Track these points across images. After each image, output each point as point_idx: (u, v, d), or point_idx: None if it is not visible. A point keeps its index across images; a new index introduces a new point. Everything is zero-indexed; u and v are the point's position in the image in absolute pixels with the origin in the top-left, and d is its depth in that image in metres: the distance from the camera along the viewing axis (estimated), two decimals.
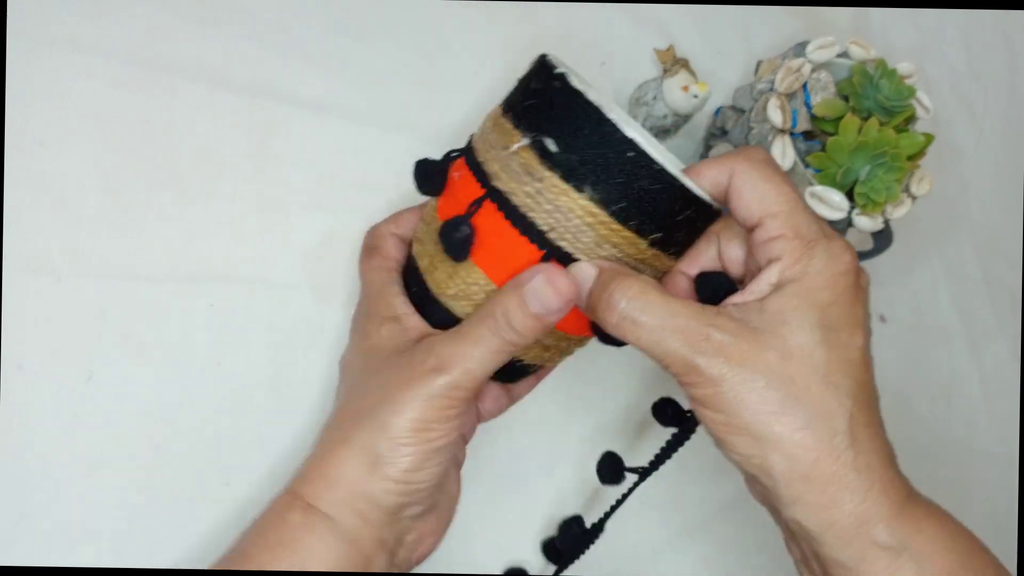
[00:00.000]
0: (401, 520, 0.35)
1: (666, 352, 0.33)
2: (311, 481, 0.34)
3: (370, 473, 0.33)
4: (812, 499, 0.32)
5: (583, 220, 0.34)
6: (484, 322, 0.34)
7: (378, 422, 0.33)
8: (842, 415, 0.32)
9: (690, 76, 0.54)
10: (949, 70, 0.69)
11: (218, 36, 0.50)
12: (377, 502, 0.33)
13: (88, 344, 0.43)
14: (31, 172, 0.44)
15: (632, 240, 0.35)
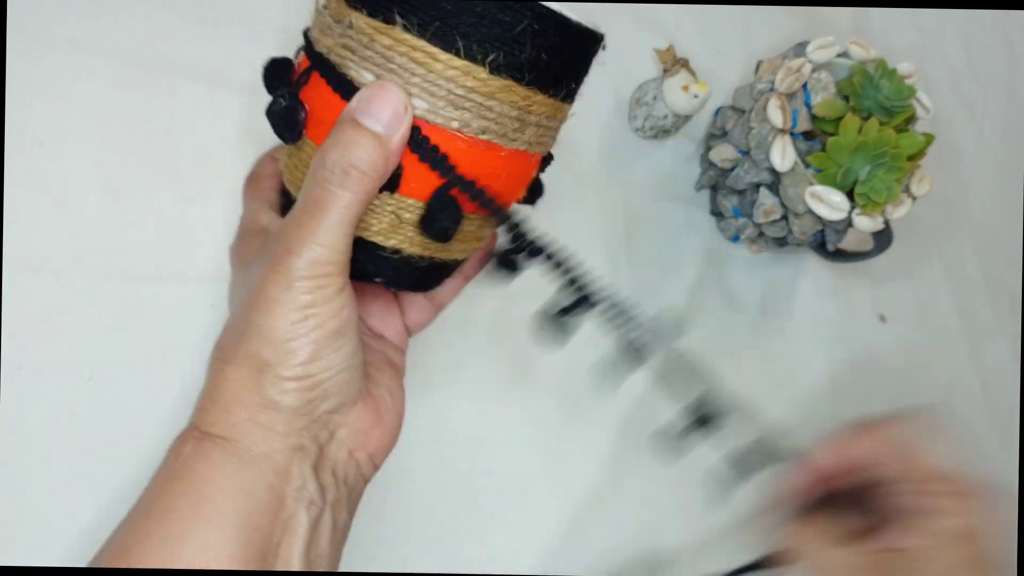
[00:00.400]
0: (317, 418, 0.32)
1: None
2: (204, 410, 0.32)
3: (259, 381, 0.31)
4: None
5: (406, 57, 0.29)
6: (315, 183, 0.31)
7: (254, 328, 0.31)
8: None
9: (690, 76, 0.54)
10: (949, 70, 0.69)
11: (218, 36, 0.49)
12: (277, 406, 0.31)
13: (88, 344, 0.43)
14: (31, 172, 0.44)
15: (468, 70, 0.29)
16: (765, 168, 0.51)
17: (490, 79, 0.30)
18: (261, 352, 0.31)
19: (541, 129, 0.33)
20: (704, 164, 0.58)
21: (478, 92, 0.30)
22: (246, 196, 0.39)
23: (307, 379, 0.31)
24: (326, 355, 0.31)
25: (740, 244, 0.60)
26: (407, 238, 0.33)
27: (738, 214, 0.56)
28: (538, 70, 0.31)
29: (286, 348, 0.31)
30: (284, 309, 0.30)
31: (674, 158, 0.60)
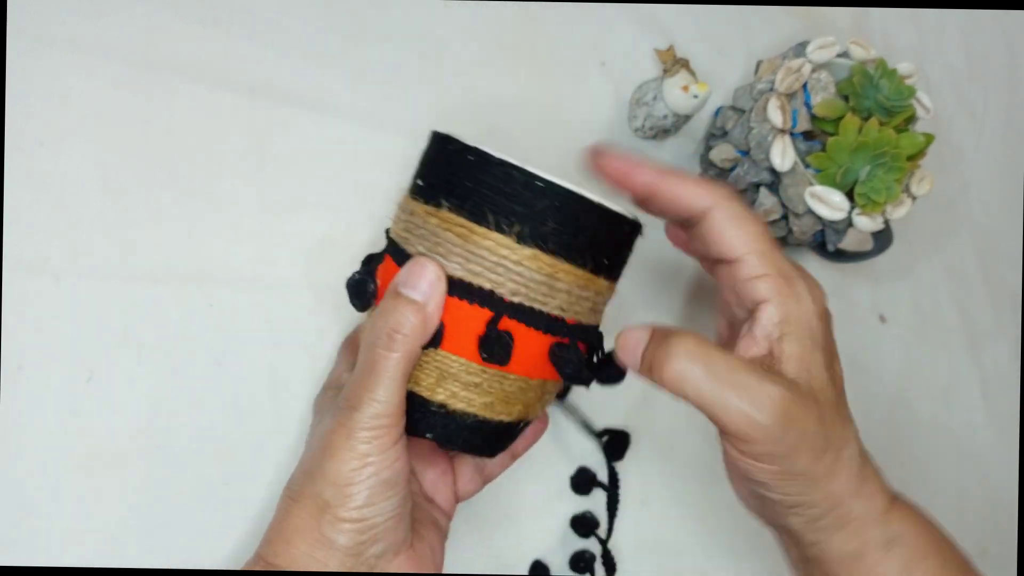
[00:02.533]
0: (364, 561, 0.36)
1: (726, 409, 0.34)
2: (270, 542, 0.36)
3: (319, 520, 0.34)
4: (835, 515, 0.36)
5: (450, 232, 0.35)
6: (368, 347, 0.36)
7: (320, 471, 0.35)
8: (853, 441, 0.37)
9: (690, 76, 0.54)
10: (949, 70, 0.69)
11: (218, 36, 0.50)
12: (332, 545, 0.34)
13: (88, 344, 0.43)
14: (31, 172, 0.44)
15: (539, 259, 0.35)
16: (765, 168, 0.51)
17: (517, 248, 0.35)
18: (323, 493, 0.35)
19: (573, 297, 0.37)
20: (704, 164, 0.58)
21: (508, 259, 0.35)
22: (339, 356, 0.44)
23: (361, 522, 0.35)
24: (379, 501, 0.35)
25: None
26: (452, 393, 0.37)
27: None
28: (560, 241, 0.36)
29: (345, 492, 0.34)
30: (346, 456, 0.34)
31: (674, 158, 0.60)
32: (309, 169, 0.50)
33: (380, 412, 0.35)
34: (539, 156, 0.56)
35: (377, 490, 0.35)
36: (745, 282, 0.37)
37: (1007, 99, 0.71)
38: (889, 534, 0.36)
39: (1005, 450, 0.65)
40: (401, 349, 0.35)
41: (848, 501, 0.36)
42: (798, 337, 0.36)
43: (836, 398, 0.37)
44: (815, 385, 0.36)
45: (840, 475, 0.36)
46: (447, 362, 0.36)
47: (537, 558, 0.49)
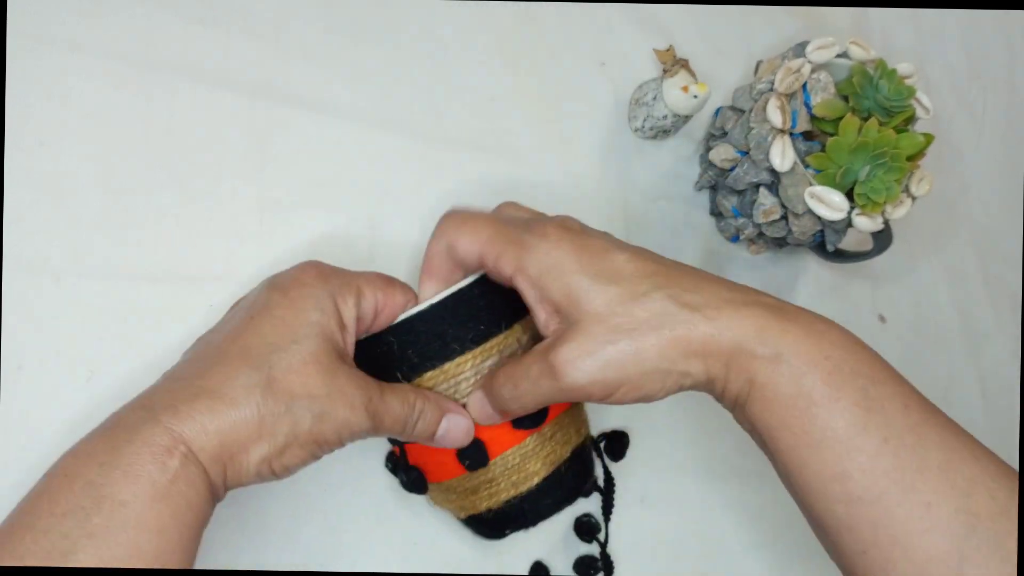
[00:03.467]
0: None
1: (552, 398, 0.38)
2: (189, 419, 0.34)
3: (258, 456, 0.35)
4: (712, 363, 0.37)
5: (433, 380, 0.41)
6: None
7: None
8: (666, 303, 0.36)
9: (690, 76, 0.54)
10: (949, 70, 0.69)
11: (218, 36, 0.50)
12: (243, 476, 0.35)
13: (88, 344, 0.43)
14: (31, 172, 0.44)
15: (465, 360, 0.40)
16: (765, 168, 0.51)
17: (450, 368, 0.40)
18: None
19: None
20: (704, 164, 0.58)
21: (472, 366, 0.40)
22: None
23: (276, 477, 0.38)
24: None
25: (740, 244, 0.60)
26: (490, 494, 0.42)
27: (738, 214, 0.56)
28: (460, 336, 0.40)
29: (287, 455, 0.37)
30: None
31: (674, 158, 0.60)
32: (309, 169, 0.50)
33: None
34: (539, 156, 0.56)
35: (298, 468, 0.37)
36: (495, 271, 0.39)
37: (1007, 99, 0.71)
38: (770, 351, 0.36)
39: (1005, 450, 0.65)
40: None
41: (707, 346, 0.36)
42: (552, 282, 0.37)
43: (622, 291, 0.36)
44: (591, 306, 0.36)
45: (677, 340, 0.36)
46: (465, 482, 0.42)
47: (538, 559, 0.49)
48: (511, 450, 0.41)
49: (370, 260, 0.50)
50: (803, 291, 0.61)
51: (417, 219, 0.52)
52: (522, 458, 0.41)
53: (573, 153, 0.57)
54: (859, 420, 0.35)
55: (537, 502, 0.42)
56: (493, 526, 0.43)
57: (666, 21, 0.61)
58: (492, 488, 0.41)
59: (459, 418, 0.40)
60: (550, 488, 0.42)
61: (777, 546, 0.55)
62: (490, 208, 0.46)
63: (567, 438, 0.43)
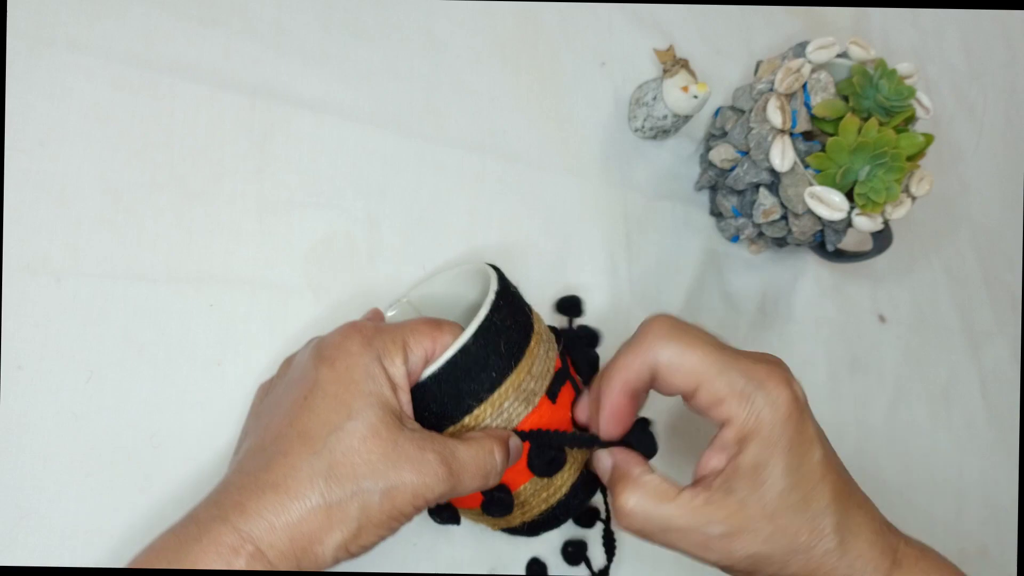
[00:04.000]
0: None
1: (681, 550, 0.38)
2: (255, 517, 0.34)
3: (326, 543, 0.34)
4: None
5: (483, 415, 0.40)
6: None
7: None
8: (829, 532, 0.37)
9: (690, 76, 0.54)
10: (949, 70, 0.69)
11: (218, 36, 0.50)
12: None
13: (88, 344, 0.43)
14: (31, 172, 0.44)
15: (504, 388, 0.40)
16: (765, 168, 0.51)
17: (515, 376, 0.40)
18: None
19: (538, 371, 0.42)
20: (704, 164, 0.58)
21: (513, 386, 0.40)
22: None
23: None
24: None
25: (740, 244, 0.60)
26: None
27: (738, 214, 0.56)
28: (514, 345, 0.41)
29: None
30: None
31: (674, 158, 0.60)
32: (309, 169, 0.50)
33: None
34: (539, 156, 0.56)
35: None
36: (706, 410, 0.38)
37: (1007, 99, 0.71)
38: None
39: (1005, 450, 0.65)
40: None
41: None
42: (755, 450, 0.37)
43: (803, 498, 0.37)
44: (769, 498, 0.36)
45: (818, 570, 0.37)
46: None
47: (534, 556, 0.49)
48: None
49: (370, 260, 0.50)
50: (803, 291, 0.61)
51: (417, 219, 0.52)
52: (550, 479, 0.42)
53: (573, 153, 0.57)
54: None
55: (568, 505, 0.43)
56: (528, 531, 0.44)
57: (666, 21, 0.61)
58: (525, 508, 0.42)
59: (516, 440, 0.40)
60: (578, 490, 0.43)
61: None
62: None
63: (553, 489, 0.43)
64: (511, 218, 0.54)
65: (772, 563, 0.37)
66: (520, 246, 0.53)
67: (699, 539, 0.37)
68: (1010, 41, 0.73)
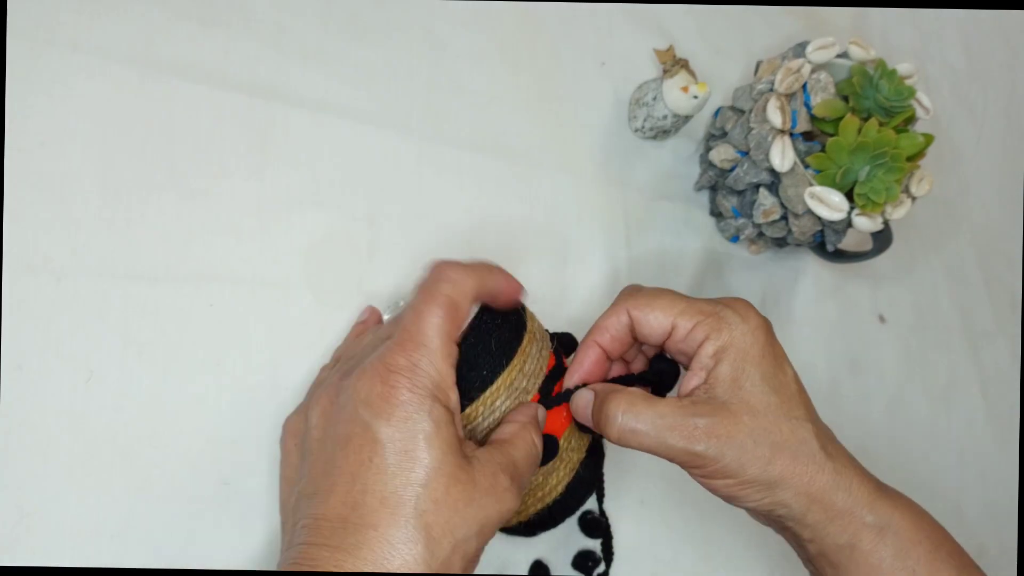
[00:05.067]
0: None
1: (669, 448, 0.39)
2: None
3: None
4: (818, 509, 0.39)
5: (496, 402, 0.41)
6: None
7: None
8: (810, 438, 0.39)
9: (690, 76, 0.54)
10: (949, 70, 0.70)
11: (218, 36, 0.50)
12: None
13: (88, 344, 0.43)
14: (31, 172, 0.44)
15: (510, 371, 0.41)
16: (764, 168, 0.51)
17: (506, 374, 0.40)
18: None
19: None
20: (704, 164, 0.58)
21: (505, 384, 0.40)
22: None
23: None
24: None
25: (740, 244, 0.60)
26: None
27: (737, 214, 0.56)
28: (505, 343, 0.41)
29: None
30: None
31: (674, 158, 0.60)
32: (309, 169, 0.50)
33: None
34: (539, 156, 0.56)
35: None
36: (684, 340, 0.41)
37: (1007, 99, 0.71)
38: (879, 521, 0.39)
39: (1005, 450, 0.65)
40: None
41: (825, 495, 0.39)
42: (730, 361, 0.39)
43: (781, 403, 0.39)
44: (750, 399, 0.39)
45: (803, 473, 0.38)
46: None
47: (538, 558, 0.49)
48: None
49: (370, 260, 0.50)
50: (803, 291, 0.61)
51: (417, 219, 0.52)
52: (544, 475, 0.42)
53: (573, 153, 0.57)
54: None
55: (564, 505, 0.43)
56: (525, 531, 0.44)
57: (666, 21, 0.61)
58: (520, 508, 0.42)
59: (541, 410, 0.41)
60: (574, 490, 0.43)
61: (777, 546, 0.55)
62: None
63: (581, 441, 0.44)
64: (511, 218, 0.54)
65: (757, 459, 0.38)
66: (520, 246, 0.53)
67: (687, 431, 0.38)
68: (1010, 41, 0.73)
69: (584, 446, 0.44)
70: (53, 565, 0.41)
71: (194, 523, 0.43)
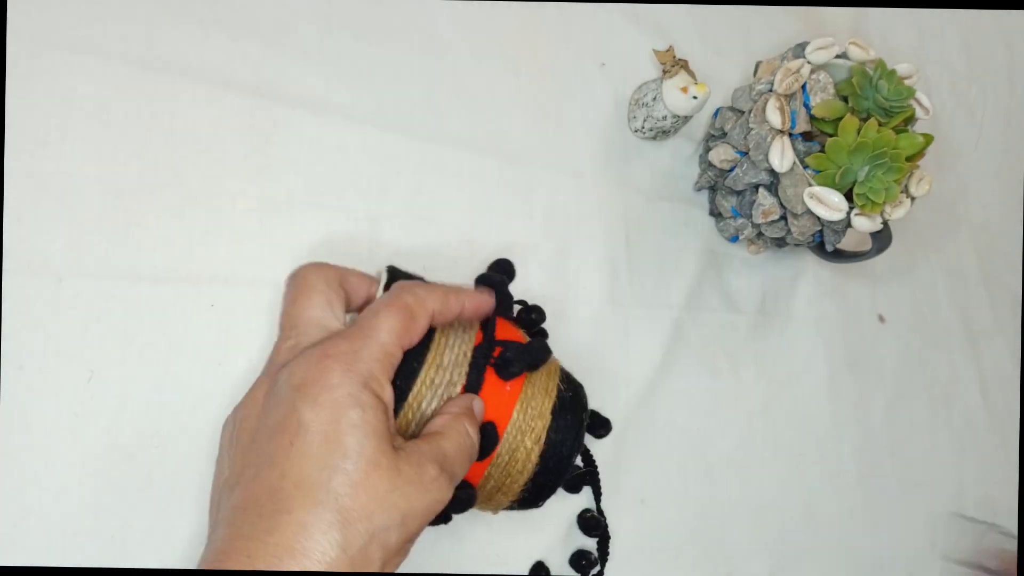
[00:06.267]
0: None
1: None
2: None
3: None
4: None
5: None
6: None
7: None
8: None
9: (689, 77, 0.54)
10: (949, 71, 0.70)
11: (218, 36, 0.50)
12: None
13: (88, 344, 0.43)
14: (31, 172, 0.45)
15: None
16: (764, 169, 0.51)
17: (433, 359, 0.40)
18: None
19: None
20: (703, 165, 0.58)
21: (438, 367, 0.40)
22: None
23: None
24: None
25: (739, 244, 0.60)
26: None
27: (737, 214, 0.56)
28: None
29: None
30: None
31: (673, 159, 0.60)
32: (309, 169, 0.50)
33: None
34: (539, 156, 0.56)
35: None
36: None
37: (1007, 99, 0.71)
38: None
39: (1005, 450, 0.65)
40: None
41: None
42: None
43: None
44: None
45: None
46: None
47: (539, 559, 0.49)
48: (508, 425, 0.41)
49: (370, 260, 0.50)
50: (803, 291, 0.61)
51: (417, 219, 0.52)
52: (509, 452, 0.41)
53: (573, 153, 0.57)
54: None
55: (548, 471, 0.42)
56: (525, 506, 0.43)
57: (666, 21, 0.61)
58: (500, 488, 0.41)
59: (479, 402, 0.40)
60: (552, 455, 0.41)
61: (777, 546, 0.55)
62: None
63: (543, 407, 0.42)
64: (511, 218, 0.54)
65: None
66: (520, 246, 0.53)
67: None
68: (1010, 41, 0.73)
69: (547, 410, 0.42)
70: (53, 565, 0.41)
71: (194, 523, 0.43)
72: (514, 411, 0.41)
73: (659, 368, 0.55)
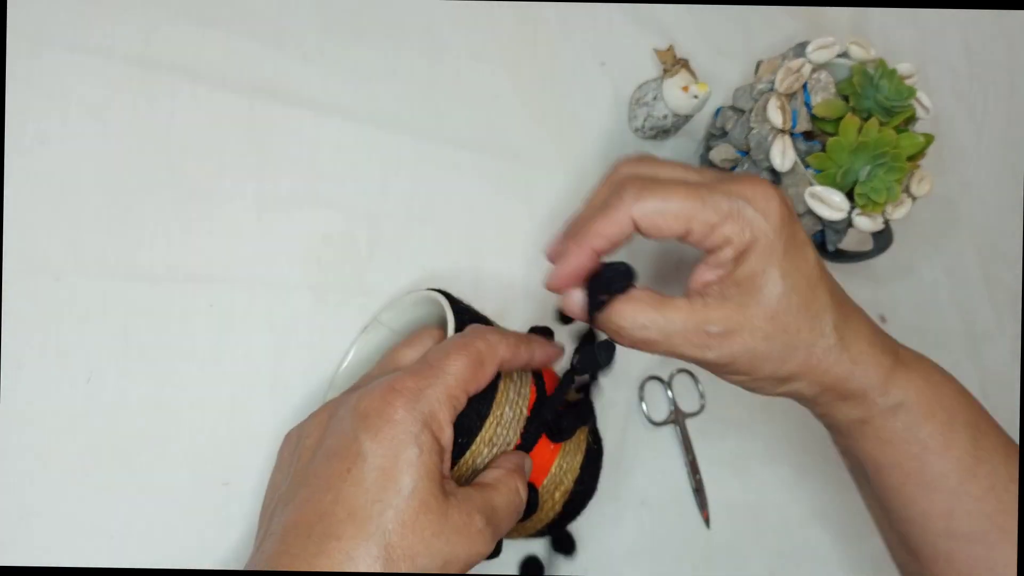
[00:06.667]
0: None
1: (682, 355, 0.38)
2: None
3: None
4: (832, 396, 0.39)
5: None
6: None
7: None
8: (829, 331, 0.38)
9: (690, 76, 0.54)
10: (949, 70, 0.69)
11: (218, 36, 0.50)
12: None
13: (88, 344, 0.43)
14: (31, 172, 0.44)
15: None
16: (765, 168, 0.51)
17: (494, 418, 0.40)
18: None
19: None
20: (704, 164, 0.58)
21: (498, 425, 0.40)
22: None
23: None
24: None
25: None
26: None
27: None
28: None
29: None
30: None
31: (674, 158, 0.60)
32: (309, 169, 0.50)
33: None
34: (539, 156, 0.56)
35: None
36: (700, 242, 0.38)
37: (1007, 99, 0.71)
38: (891, 400, 0.39)
39: None
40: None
41: (839, 383, 0.39)
42: (751, 262, 0.37)
43: (801, 300, 0.37)
44: (768, 301, 0.37)
45: (817, 366, 0.38)
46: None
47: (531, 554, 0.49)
48: (545, 480, 0.42)
49: (370, 259, 0.50)
50: None
51: (417, 218, 0.52)
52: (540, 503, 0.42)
53: (573, 153, 0.57)
54: (969, 468, 0.40)
55: (565, 518, 0.43)
56: (535, 536, 0.45)
57: (666, 21, 0.61)
58: (539, 515, 0.42)
59: (528, 461, 0.40)
60: (573, 503, 0.43)
61: (777, 547, 0.55)
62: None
63: (574, 461, 0.43)
64: (511, 218, 0.54)
65: (770, 360, 0.38)
66: (520, 246, 0.53)
67: (698, 339, 0.37)
68: (1010, 41, 0.73)
69: (577, 464, 0.43)
70: (53, 565, 0.41)
71: (194, 523, 0.43)
72: (553, 464, 0.42)
73: (659, 367, 0.55)
